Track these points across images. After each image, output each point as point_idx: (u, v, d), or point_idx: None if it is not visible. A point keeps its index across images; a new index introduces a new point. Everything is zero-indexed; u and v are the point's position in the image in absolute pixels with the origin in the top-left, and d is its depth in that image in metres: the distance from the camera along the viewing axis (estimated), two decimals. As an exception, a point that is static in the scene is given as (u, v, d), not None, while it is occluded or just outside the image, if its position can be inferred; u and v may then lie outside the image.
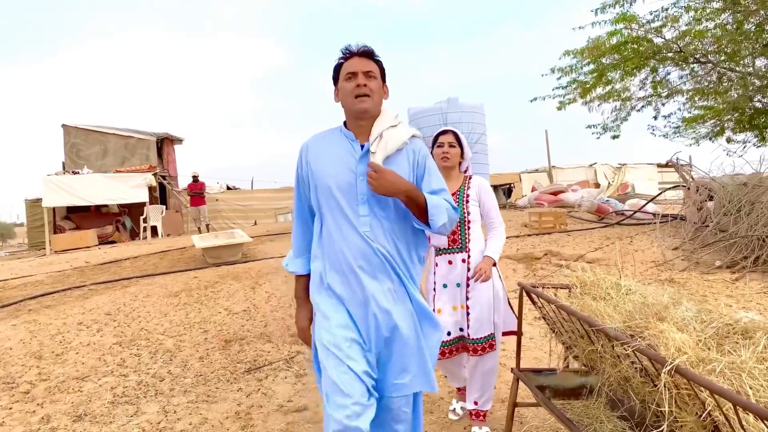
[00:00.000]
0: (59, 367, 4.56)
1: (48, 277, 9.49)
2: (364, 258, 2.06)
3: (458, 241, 3.16)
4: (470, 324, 3.09)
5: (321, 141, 2.20)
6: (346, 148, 2.13)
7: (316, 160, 2.15)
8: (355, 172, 2.08)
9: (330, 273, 2.09)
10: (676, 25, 9.39)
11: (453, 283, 3.14)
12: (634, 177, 24.44)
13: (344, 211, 2.07)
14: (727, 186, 7.69)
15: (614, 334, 2.11)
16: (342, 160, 2.11)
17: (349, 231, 2.06)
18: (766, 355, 1.87)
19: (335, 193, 2.07)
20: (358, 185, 2.07)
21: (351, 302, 2.07)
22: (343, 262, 2.06)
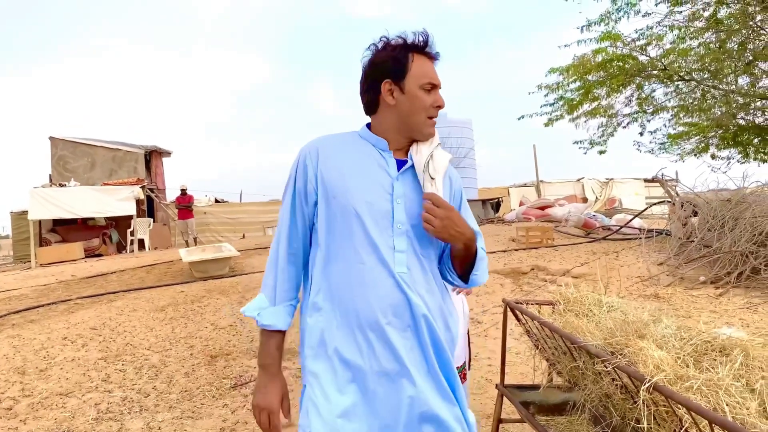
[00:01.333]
0: (43, 383, 4.52)
1: (33, 290, 9.40)
2: (396, 312, 1.49)
3: None
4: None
5: (338, 145, 1.64)
6: (377, 161, 1.60)
7: (335, 169, 1.57)
8: (390, 193, 1.56)
9: (340, 332, 1.50)
10: (661, 43, 9.55)
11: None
12: (622, 192, 24.68)
13: (374, 245, 1.50)
14: (711, 202, 7.79)
15: (595, 351, 2.14)
16: (372, 176, 1.57)
17: (380, 272, 1.49)
18: (742, 372, 1.92)
19: (364, 219, 1.51)
20: (395, 212, 1.54)
21: (370, 376, 1.47)
22: (365, 316, 1.48)
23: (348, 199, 1.53)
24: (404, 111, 1.59)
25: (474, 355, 4.78)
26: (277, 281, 1.61)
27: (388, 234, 1.53)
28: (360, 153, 1.61)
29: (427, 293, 1.56)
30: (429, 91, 1.59)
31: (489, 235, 11.12)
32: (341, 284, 1.52)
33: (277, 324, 1.57)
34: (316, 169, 1.59)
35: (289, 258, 1.62)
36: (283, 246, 1.63)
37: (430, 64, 1.62)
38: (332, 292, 1.53)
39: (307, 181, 1.60)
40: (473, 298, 6.59)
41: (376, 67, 1.60)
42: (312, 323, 1.55)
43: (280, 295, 1.60)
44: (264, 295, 1.61)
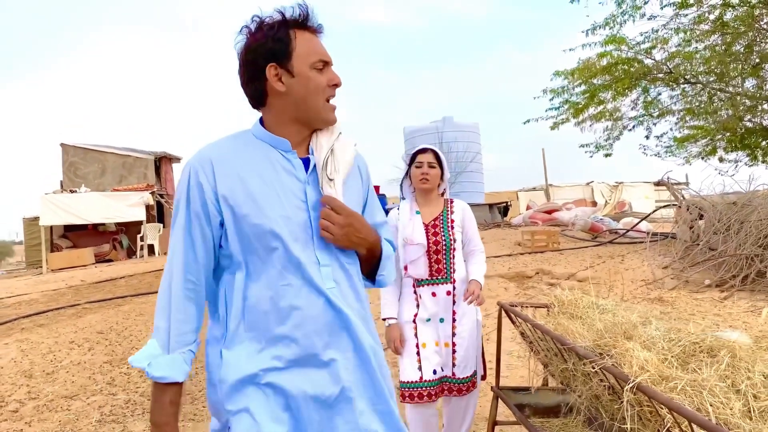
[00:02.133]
0: (49, 386, 4.58)
1: (43, 295, 9.53)
2: (332, 332, 1.36)
3: (443, 271, 2.80)
4: (456, 362, 2.77)
5: (234, 153, 1.40)
6: (281, 165, 1.40)
7: (237, 183, 1.35)
8: (305, 201, 1.38)
9: (270, 361, 1.32)
10: (666, 46, 9.52)
11: (436, 317, 2.79)
12: (632, 195, 24.55)
13: (297, 263, 1.33)
14: (717, 205, 7.75)
15: (583, 352, 2.16)
16: (281, 185, 1.38)
17: (308, 292, 1.34)
18: (728, 373, 1.93)
19: (284, 238, 1.33)
20: (314, 222, 1.38)
21: (306, 403, 1.32)
22: (299, 342, 1.33)
23: (260, 217, 1.33)
24: (298, 96, 1.39)
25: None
26: (171, 323, 1.34)
27: (310, 248, 1.36)
28: (261, 159, 1.40)
29: (358, 304, 1.44)
30: (321, 69, 1.40)
31: (495, 239, 11.12)
32: (266, 311, 1.33)
33: (172, 375, 1.31)
34: (213, 186, 1.35)
35: (185, 294, 1.36)
36: (178, 280, 1.35)
37: (316, 39, 1.43)
38: (256, 320, 1.34)
39: (205, 202, 1.35)
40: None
41: (255, 51, 1.38)
42: (232, 357, 1.33)
43: (176, 339, 1.34)
44: (155, 340, 1.34)
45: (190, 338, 1.37)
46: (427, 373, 2.70)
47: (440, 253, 2.79)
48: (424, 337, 2.76)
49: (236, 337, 1.35)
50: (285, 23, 1.38)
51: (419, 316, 2.78)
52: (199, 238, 1.37)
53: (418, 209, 2.88)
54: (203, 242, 1.37)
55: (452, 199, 3.00)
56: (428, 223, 2.82)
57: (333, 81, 1.41)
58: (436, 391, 2.73)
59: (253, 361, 1.32)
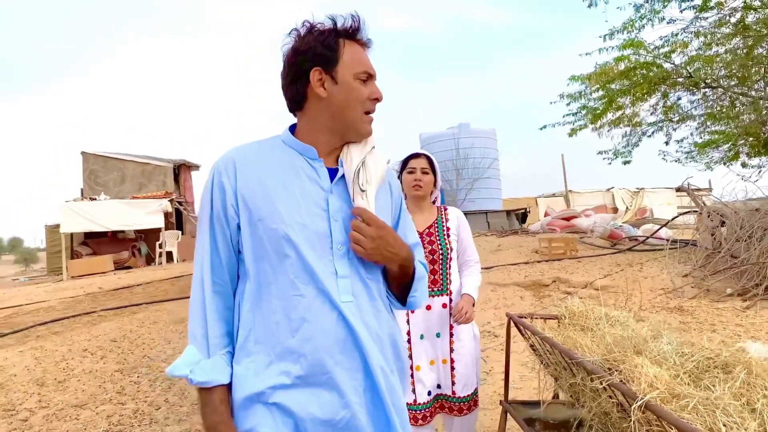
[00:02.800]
0: (60, 395, 4.59)
1: (60, 302, 9.62)
2: (344, 350, 1.29)
3: (439, 282, 2.65)
4: (456, 380, 2.62)
5: (259, 156, 1.38)
6: (306, 172, 1.37)
7: (258, 186, 1.33)
8: (326, 210, 1.34)
9: (278, 378, 1.26)
10: (686, 50, 9.36)
11: (431, 333, 2.63)
12: (653, 201, 24.22)
13: (312, 272, 1.28)
14: (739, 211, 7.57)
15: (591, 367, 2.08)
16: (302, 191, 1.34)
17: (321, 304, 1.28)
18: (744, 391, 1.84)
19: (298, 246, 1.28)
20: (333, 231, 1.33)
21: (315, 426, 1.26)
22: (307, 358, 1.26)
23: (276, 221, 1.29)
24: (338, 104, 1.37)
25: (489, 369, 4.71)
26: (207, 327, 1.32)
27: (328, 258, 1.31)
28: (286, 164, 1.37)
29: (376, 321, 1.36)
30: (365, 81, 1.39)
31: (512, 246, 11.00)
32: (276, 322, 1.28)
33: (216, 378, 1.28)
34: (234, 187, 1.33)
35: (215, 296, 1.35)
36: (207, 282, 1.34)
37: (364, 51, 1.42)
38: (265, 332, 1.29)
39: (225, 203, 1.33)
40: (491, 311, 6.51)
41: (303, 54, 1.36)
42: (240, 372, 1.29)
43: (215, 342, 1.32)
44: (194, 346, 1.32)
45: (228, 340, 1.35)
46: (421, 395, 2.58)
47: (436, 263, 2.65)
48: (418, 358, 2.60)
49: (245, 349, 1.31)
50: (335, 31, 1.38)
51: (412, 333, 2.62)
52: (222, 240, 1.35)
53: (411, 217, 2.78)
54: (225, 245, 1.35)
55: (445, 206, 2.88)
56: (422, 232, 2.69)
57: (375, 95, 1.40)
58: (431, 412, 2.61)
59: (261, 378, 1.26)
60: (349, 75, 1.36)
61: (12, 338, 6.73)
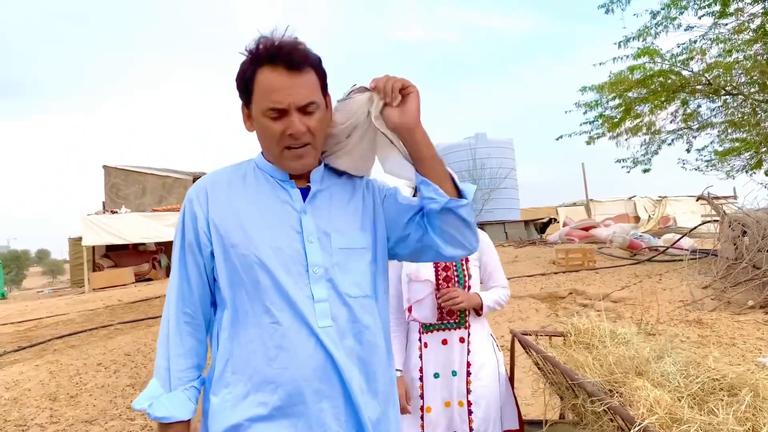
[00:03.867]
0: (71, 410, 4.61)
1: (80, 315, 9.73)
2: (322, 378, 1.25)
3: (455, 314, 2.36)
4: (474, 426, 2.28)
5: (230, 182, 1.36)
6: (277, 195, 1.35)
7: (229, 211, 1.31)
8: (300, 231, 1.30)
9: (255, 410, 1.23)
10: (704, 57, 9.21)
11: (447, 370, 2.33)
12: (676, 210, 23.84)
13: (288, 298, 1.25)
14: (761, 220, 7.39)
15: (590, 389, 2.02)
16: (274, 214, 1.32)
17: (298, 331, 1.24)
18: (749, 415, 1.77)
19: (272, 271, 1.25)
20: (309, 253, 1.29)
21: None
22: (285, 388, 1.22)
23: (249, 246, 1.26)
24: (260, 140, 1.36)
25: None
26: (170, 360, 1.29)
27: (304, 282, 1.27)
28: (257, 188, 1.35)
29: (358, 344, 1.31)
30: (276, 118, 1.27)
31: (529, 257, 10.88)
32: (253, 351, 1.25)
33: (175, 415, 1.26)
34: (206, 214, 1.32)
35: (183, 328, 1.32)
36: (175, 314, 1.32)
37: (283, 76, 1.25)
38: (243, 362, 1.25)
39: (197, 231, 1.32)
40: (506, 324, 6.42)
41: (236, 86, 1.34)
42: (218, 403, 1.26)
43: (177, 376, 1.29)
44: (156, 379, 1.31)
45: (192, 374, 1.32)
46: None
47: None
48: (430, 399, 2.32)
49: (222, 380, 1.28)
50: (253, 60, 1.28)
51: (425, 371, 2.34)
52: (194, 270, 1.33)
53: None
54: (198, 274, 1.33)
55: None
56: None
57: (289, 131, 1.27)
58: None
59: (238, 409, 1.23)
60: (258, 112, 1.29)
61: (29, 352, 6.81)
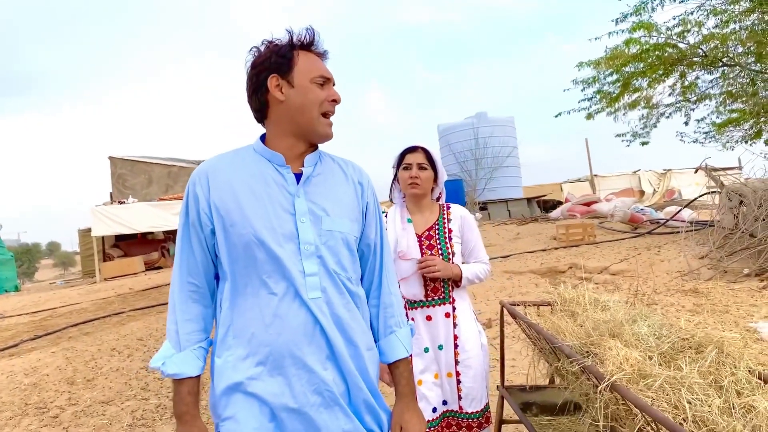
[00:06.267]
0: (88, 392, 4.81)
1: (92, 304, 9.95)
2: (311, 341, 1.41)
3: (440, 290, 2.42)
4: (463, 394, 2.37)
5: (230, 166, 1.49)
6: (273, 179, 1.48)
7: (229, 194, 1.44)
8: (293, 213, 1.45)
9: (254, 370, 1.39)
10: (700, 29, 9.22)
11: (434, 344, 2.41)
12: (681, 182, 23.81)
13: (282, 272, 1.40)
14: (758, 190, 7.48)
15: (568, 351, 2.16)
16: (270, 197, 1.45)
17: (291, 301, 1.40)
18: (712, 370, 1.91)
19: (269, 245, 1.39)
20: (301, 232, 1.43)
21: (291, 413, 1.39)
22: (279, 350, 1.39)
23: (246, 226, 1.40)
24: (295, 106, 1.48)
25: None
26: (178, 324, 1.45)
27: (297, 258, 1.41)
28: (255, 172, 1.48)
29: (346, 312, 1.47)
30: (321, 85, 1.50)
31: (531, 234, 11.00)
32: (252, 318, 1.40)
33: (185, 371, 1.41)
34: (208, 196, 1.45)
35: (189, 296, 1.47)
36: (182, 283, 1.47)
37: (319, 60, 1.53)
38: (242, 328, 1.41)
39: (199, 212, 1.45)
40: (506, 299, 6.57)
41: (260, 65, 1.49)
42: (221, 364, 1.41)
43: (185, 338, 1.44)
44: (168, 341, 1.46)
45: (199, 336, 1.47)
46: (426, 412, 2.31)
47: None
48: (422, 372, 2.38)
49: (225, 343, 1.43)
50: (290, 44, 1.49)
51: (415, 346, 2.38)
52: (197, 245, 1.47)
53: (410, 217, 2.53)
54: (201, 249, 1.47)
55: (449, 204, 2.60)
56: (422, 234, 2.46)
57: (332, 96, 1.51)
58: (438, 430, 2.36)
59: (239, 369, 1.39)
60: (304, 79, 1.47)
61: (45, 340, 7.03)
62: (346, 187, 1.60)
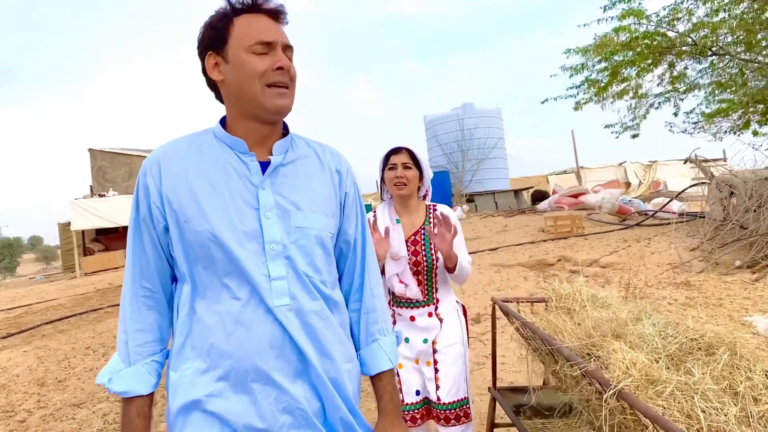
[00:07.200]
0: (59, 394, 4.59)
1: (70, 300, 9.69)
2: (280, 355, 1.22)
3: (424, 293, 2.45)
4: (440, 384, 2.38)
5: (186, 154, 1.29)
6: (235, 168, 1.27)
7: (183, 186, 1.24)
8: (256, 207, 1.25)
9: (215, 386, 1.20)
10: (690, 17, 9.10)
11: (419, 339, 2.42)
12: (667, 174, 23.88)
13: (245, 275, 1.21)
14: (748, 181, 7.39)
15: (567, 354, 1.99)
16: (230, 189, 1.25)
17: (255, 308, 1.21)
18: (726, 374, 1.75)
19: (228, 247, 1.20)
20: (266, 230, 1.24)
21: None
22: (243, 364, 1.20)
23: (203, 222, 1.21)
24: (234, 85, 1.26)
25: (489, 354, 4.63)
26: (128, 335, 1.25)
27: (260, 259, 1.22)
28: (214, 160, 1.28)
29: (320, 323, 1.28)
30: (261, 53, 1.24)
31: (518, 226, 10.88)
32: (210, 327, 1.20)
33: (134, 389, 1.22)
34: (159, 188, 1.24)
35: (143, 301, 1.27)
36: (134, 287, 1.27)
37: (264, 21, 1.27)
38: (201, 338, 1.21)
39: (151, 206, 1.25)
40: (494, 293, 6.42)
41: (199, 44, 1.30)
42: (177, 379, 1.22)
43: (135, 351, 1.25)
44: (117, 354, 1.27)
45: (153, 348, 1.27)
46: (408, 395, 2.38)
47: (421, 274, 2.42)
48: (400, 357, 2.40)
49: (182, 355, 1.23)
50: (225, 12, 1.27)
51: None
52: (150, 244, 1.27)
53: (398, 217, 2.53)
54: (154, 248, 1.27)
55: (435, 204, 2.60)
56: (408, 239, 2.46)
57: (276, 64, 1.24)
58: (421, 414, 2.40)
59: (197, 385, 1.20)
60: (239, 50, 1.24)
61: (18, 338, 6.78)
62: (322, 177, 1.38)
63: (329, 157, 1.43)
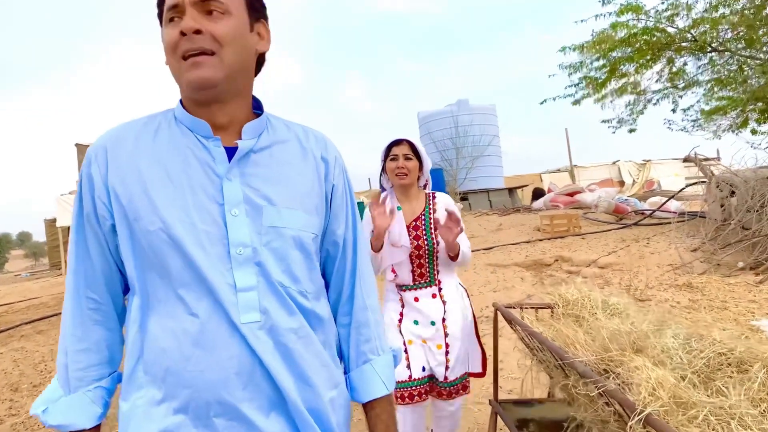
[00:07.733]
0: (32, 400, 4.34)
1: (53, 298, 9.44)
2: (248, 383, 0.99)
3: (426, 276, 2.57)
4: (450, 365, 2.52)
5: (138, 139, 1.05)
6: (195, 155, 1.04)
7: (133, 177, 1.01)
8: (221, 202, 1.02)
9: (170, 419, 0.97)
10: (689, 13, 8.93)
11: (426, 321, 2.54)
12: (660, 173, 23.78)
13: (205, 285, 0.98)
14: (749, 180, 7.22)
15: (582, 370, 1.78)
16: (189, 179, 1.02)
17: (218, 326, 0.97)
18: (763, 395, 1.54)
19: (186, 248, 0.97)
20: (231, 230, 1.01)
21: None
22: (204, 394, 0.97)
23: (156, 221, 0.98)
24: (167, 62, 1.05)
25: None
26: (69, 356, 1.04)
27: (225, 266, 0.99)
28: (170, 145, 1.04)
29: (298, 343, 1.04)
30: (173, 21, 1.01)
31: (513, 225, 10.69)
32: (165, 349, 0.97)
33: (72, 422, 1.01)
34: (105, 179, 1.01)
35: (88, 315, 1.05)
36: (77, 299, 1.05)
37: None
38: (155, 361, 0.99)
39: (95, 200, 1.02)
40: (490, 294, 6.22)
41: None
42: (128, 410, 1.01)
43: (77, 375, 1.03)
44: (56, 379, 1.06)
45: (99, 372, 1.05)
46: (416, 371, 2.50)
47: (422, 258, 2.55)
48: (409, 335, 2.54)
49: (134, 381, 1.01)
50: None
51: (405, 316, 2.57)
52: (95, 246, 1.04)
53: (399, 205, 2.62)
54: (100, 251, 1.05)
55: (434, 193, 2.70)
56: (409, 225, 2.57)
57: (181, 29, 0.99)
58: (426, 389, 2.53)
59: (152, 417, 0.97)
60: (163, 21, 1.04)
61: (-5, 339, 6.52)
62: (303, 165, 1.13)
63: (313, 143, 1.18)
